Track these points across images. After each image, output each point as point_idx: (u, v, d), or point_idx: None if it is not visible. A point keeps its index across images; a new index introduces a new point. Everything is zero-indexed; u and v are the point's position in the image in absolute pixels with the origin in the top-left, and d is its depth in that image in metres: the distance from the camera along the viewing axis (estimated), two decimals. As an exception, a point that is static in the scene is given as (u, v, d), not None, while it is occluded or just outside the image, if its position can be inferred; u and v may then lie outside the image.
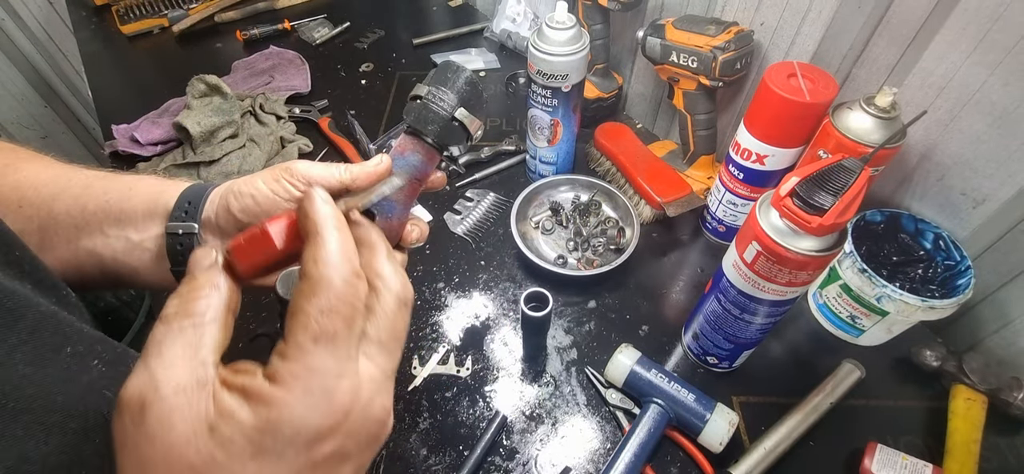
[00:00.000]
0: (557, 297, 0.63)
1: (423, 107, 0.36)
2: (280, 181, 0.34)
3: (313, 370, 0.20)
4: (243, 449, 0.19)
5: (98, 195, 0.35)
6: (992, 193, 0.54)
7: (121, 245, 0.35)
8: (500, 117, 0.93)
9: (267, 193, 0.34)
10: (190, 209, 0.34)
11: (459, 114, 0.37)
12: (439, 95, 0.36)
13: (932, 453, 0.53)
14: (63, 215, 0.35)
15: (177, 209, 0.35)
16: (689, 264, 0.71)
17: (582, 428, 0.56)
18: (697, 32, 0.64)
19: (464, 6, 1.23)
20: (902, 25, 0.53)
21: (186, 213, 0.34)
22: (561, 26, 0.63)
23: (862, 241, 0.60)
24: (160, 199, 0.35)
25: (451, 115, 0.36)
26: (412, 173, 0.37)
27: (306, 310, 0.21)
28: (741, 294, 0.48)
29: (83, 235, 0.35)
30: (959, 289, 0.54)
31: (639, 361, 0.56)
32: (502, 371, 0.60)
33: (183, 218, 0.34)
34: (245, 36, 1.11)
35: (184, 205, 0.35)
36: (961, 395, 0.54)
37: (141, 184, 0.36)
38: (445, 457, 0.53)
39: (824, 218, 0.39)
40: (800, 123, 0.56)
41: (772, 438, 0.52)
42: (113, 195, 0.35)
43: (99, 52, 1.12)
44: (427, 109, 0.36)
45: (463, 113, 0.37)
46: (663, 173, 0.73)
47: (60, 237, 0.35)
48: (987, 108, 0.51)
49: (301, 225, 0.24)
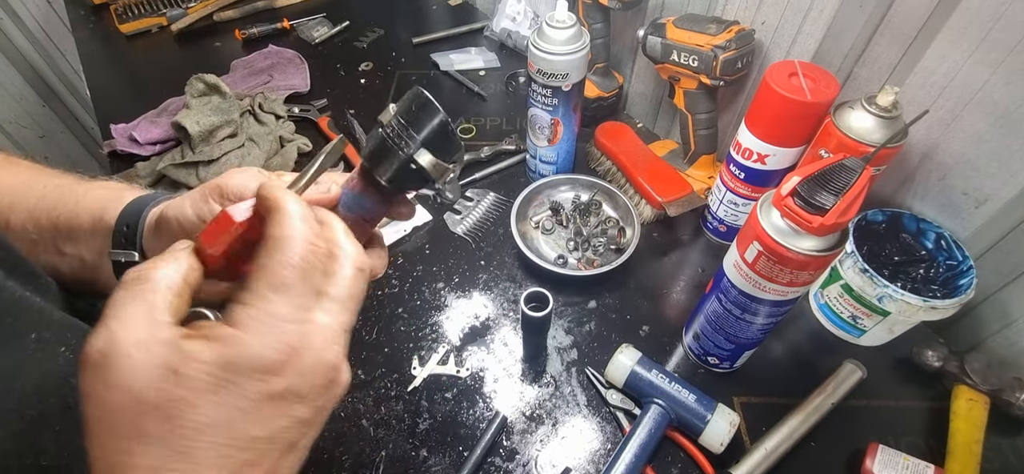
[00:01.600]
0: (557, 297, 0.63)
1: (380, 141, 0.30)
2: (208, 200, 0.32)
3: (270, 314, 0.22)
4: (205, 385, 0.20)
5: (49, 209, 0.34)
6: (994, 193, 0.54)
7: (77, 264, 0.34)
8: (500, 116, 0.93)
9: (190, 217, 0.32)
10: (128, 233, 0.33)
11: (420, 158, 0.30)
12: (399, 131, 0.30)
13: (934, 454, 0.53)
14: (19, 229, 0.34)
15: (117, 234, 0.34)
16: (690, 264, 0.71)
17: (582, 429, 0.55)
18: (698, 31, 0.64)
19: (464, 5, 1.22)
20: (904, 24, 0.53)
21: (125, 238, 0.33)
22: (561, 25, 0.63)
23: (863, 241, 0.60)
24: (103, 217, 0.34)
25: (409, 158, 0.30)
26: (361, 213, 0.32)
27: (266, 264, 0.23)
28: (742, 294, 0.48)
29: (40, 249, 0.34)
30: (961, 289, 0.53)
31: (640, 361, 0.56)
32: (502, 371, 0.60)
33: (123, 244, 0.33)
34: (244, 35, 1.10)
35: (122, 231, 0.34)
36: (963, 395, 0.53)
37: (89, 196, 0.35)
38: (445, 458, 0.53)
39: (825, 218, 0.39)
40: (801, 122, 0.56)
41: (773, 439, 0.52)
42: (63, 209, 0.34)
43: (97, 51, 1.11)
44: (384, 146, 0.30)
45: (426, 158, 0.30)
46: (664, 173, 0.72)
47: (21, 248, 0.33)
48: (989, 107, 0.51)
49: (260, 206, 0.25)
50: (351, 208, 0.32)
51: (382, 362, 0.60)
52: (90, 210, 0.34)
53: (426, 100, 0.30)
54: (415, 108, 0.30)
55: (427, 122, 0.30)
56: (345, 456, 0.53)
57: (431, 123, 0.30)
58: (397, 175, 0.31)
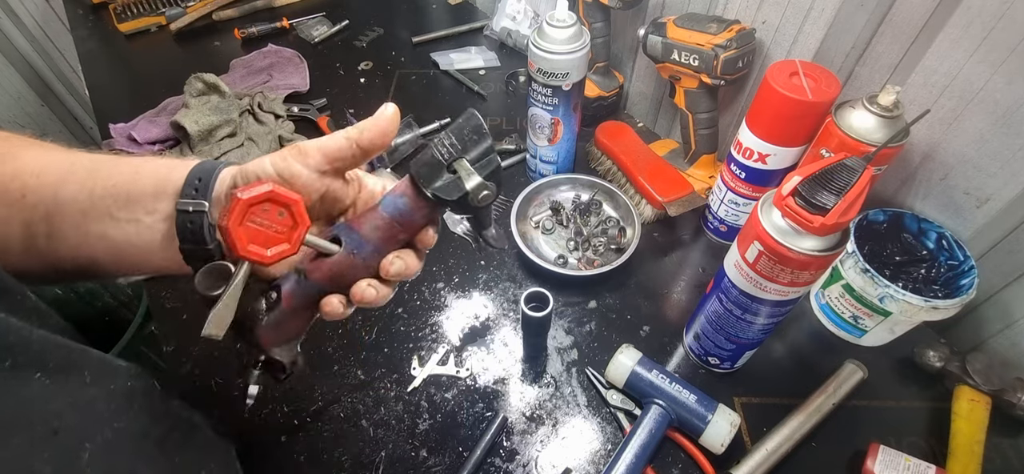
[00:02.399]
0: (557, 297, 0.63)
1: (424, 149, 0.34)
2: (287, 159, 0.34)
3: None
4: None
5: (104, 178, 0.35)
6: (996, 192, 0.54)
7: (132, 227, 0.34)
8: (500, 116, 0.93)
9: (270, 172, 0.34)
10: (201, 186, 0.34)
11: (457, 165, 0.33)
12: (444, 141, 0.33)
13: (935, 454, 0.53)
14: (69, 201, 0.34)
15: (187, 186, 0.34)
16: (690, 264, 0.71)
17: (583, 429, 0.55)
18: (699, 30, 0.63)
19: (464, 4, 1.22)
20: (905, 23, 0.53)
21: (197, 190, 0.34)
22: (562, 24, 0.63)
23: (865, 241, 0.60)
24: (169, 178, 0.35)
25: (447, 163, 0.33)
26: (394, 215, 0.34)
27: None
28: (743, 294, 0.48)
29: (91, 220, 0.34)
30: (962, 289, 0.53)
31: (640, 362, 0.55)
32: (502, 372, 0.60)
33: (193, 195, 0.33)
34: (243, 34, 1.10)
35: (194, 182, 0.34)
36: (964, 396, 0.53)
37: (147, 165, 0.36)
38: (445, 458, 0.53)
39: (826, 218, 0.39)
40: (802, 122, 0.55)
41: (774, 439, 0.52)
42: (120, 178, 0.35)
43: (96, 50, 1.11)
44: (427, 151, 0.34)
45: (464, 165, 0.33)
46: (664, 172, 0.72)
47: (68, 223, 0.34)
48: (991, 107, 0.51)
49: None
50: (387, 208, 0.35)
51: (382, 362, 0.60)
52: (154, 174, 0.35)
53: (475, 119, 0.33)
54: (467, 129, 0.33)
55: (475, 142, 0.33)
56: (344, 457, 0.53)
57: (479, 145, 0.33)
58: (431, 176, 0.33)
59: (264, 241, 0.31)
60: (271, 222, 0.31)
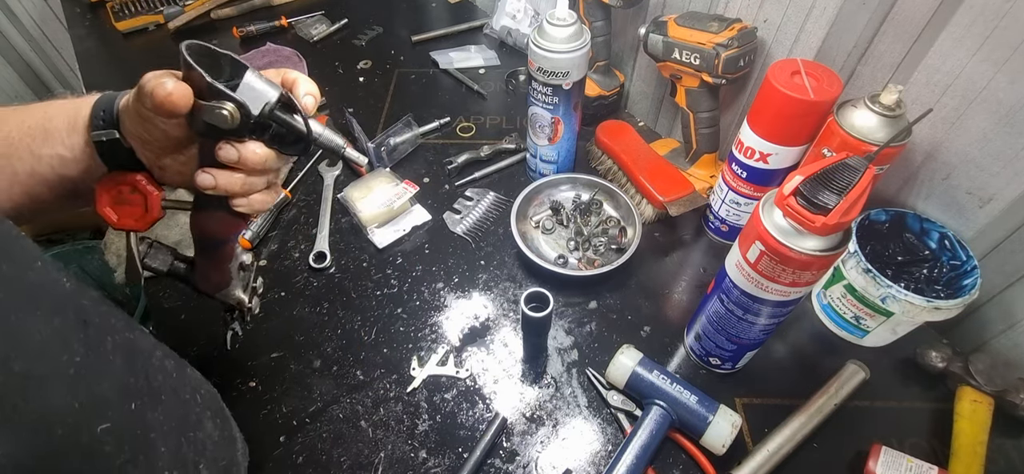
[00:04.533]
0: (558, 297, 0.63)
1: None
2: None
3: None
4: None
5: (18, 123, 0.39)
6: (999, 192, 0.54)
7: (57, 160, 0.39)
8: (500, 115, 0.92)
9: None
10: (105, 116, 0.39)
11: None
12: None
13: (937, 455, 0.52)
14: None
15: (94, 118, 0.39)
16: (691, 264, 0.71)
17: (583, 430, 0.55)
18: (700, 29, 0.63)
19: (463, 2, 1.22)
20: (907, 22, 0.53)
21: (103, 121, 0.39)
22: (562, 23, 0.62)
23: (866, 241, 0.59)
24: (78, 115, 0.39)
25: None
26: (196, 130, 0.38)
27: None
28: (744, 294, 0.47)
29: (15, 160, 0.39)
30: (965, 289, 0.53)
31: (641, 362, 0.55)
32: (502, 372, 0.59)
33: (102, 127, 0.39)
34: (242, 33, 1.10)
35: (99, 114, 0.39)
36: (967, 396, 0.53)
37: (55, 105, 0.41)
38: (444, 459, 0.53)
39: (828, 217, 0.38)
40: (804, 121, 0.55)
41: (776, 440, 0.51)
42: (33, 120, 0.39)
43: (94, 49, 1.11)
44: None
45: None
46: (665, 172, 0.72)
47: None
48: (994, 106, 0.50)
49: None
50: None
51: (381, 363, 0.60)
52: (63, 113, 0.40)
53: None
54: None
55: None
56: (343, 458, 0.53)
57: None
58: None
59: (132, 215, 0.41)
60: (130, 198, 0.40)
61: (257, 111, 0.37)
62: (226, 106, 0.35)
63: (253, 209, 0.42)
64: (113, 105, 0.39)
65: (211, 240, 0.45)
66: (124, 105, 0.39)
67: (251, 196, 0.41)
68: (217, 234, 0.44)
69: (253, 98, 0.36)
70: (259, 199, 0.42)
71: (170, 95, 0.34)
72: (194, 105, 0.35)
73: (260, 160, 0.39)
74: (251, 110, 0.36)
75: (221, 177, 0.38)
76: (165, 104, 0.34)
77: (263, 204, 0.42)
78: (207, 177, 0.38)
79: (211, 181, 0.38)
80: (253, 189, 0.41)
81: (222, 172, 0.39)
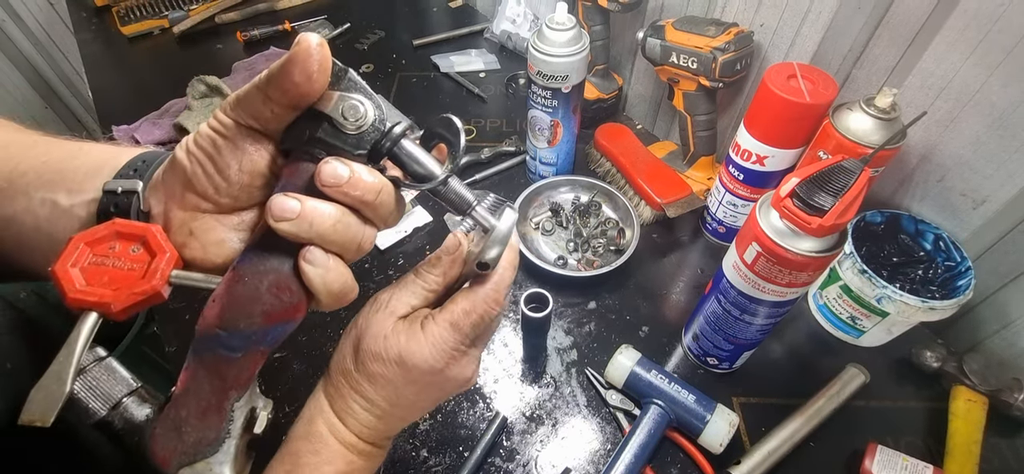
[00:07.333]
0: (557, 298, 0.63)
1: None
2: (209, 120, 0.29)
3: (442, 339, 0.32)
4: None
5: (36, 155, 0.31)
6: (992, 194, 0.54)
7: (46, 211, 0.29)
8: (500, 118, 0.93)
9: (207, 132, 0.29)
10: (141, 167, 0.29)
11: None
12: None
13: (932, 454, 0.53)
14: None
15: (126, 167, 0.30)
16: (689, 265, 0.71)
17: (582, 429, 0.56)
18: (697, 33, 0.64)
19: (464, 7, 1.23)
20: (902, 26, 0.53)
21: (135, 171, 0.29)
22: (561, 27, 0.63)
23: (862, 242, 0.60)
24: (113, 160, 0.30)
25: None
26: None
27: (455, 308, 0.33)
28: (741, 295, 0.48)
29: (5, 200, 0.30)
30: (959, 290, 0.54)
31: (639, 362, 0.56)
32: (502, 372, 0.60)
33: (130, 176, 0.29)
34: (245, 37, 1.11)
35: (136, 164, 0.30)
36: (961, 396, 0.53)
37: (96, 149, 0.32)
38: (445, 458, 0.53)
39: (824, 219, 0.39)
40: (800, 124, 0.56)
41: (774, 440, 0.52)
42: (54, 156, 0.31)
43: (100, 53, 1.12)
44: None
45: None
46: (663, 174, 0.73)
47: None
48: (987, 109, 0.51)
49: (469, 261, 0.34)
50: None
51: (382, 363, 0.61)
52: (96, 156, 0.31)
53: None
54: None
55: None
56: (346, 456, 0.53)
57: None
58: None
59: (115, 283, 0.25)
60: (126, 261, 0.25)
61: (390, 125, 0.27)
62: (363, 100, 0.26)
63: (327, 284, 0.28)
64: (156, 159, 0.30)
65: (238, 331, 0.27)
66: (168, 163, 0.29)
67: (333, 260, 0.28)
68: (253, 316, 0.27)
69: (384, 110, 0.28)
70: (339, 271, 0.28)
71: (322, 43, 0.26)
72: (323, 95, 0.26)
73: (373, 189, 0.27)
74: (385, 119, 0.27)
75: (309, 205, 0.26)
76: (308, 58, 0.25)
77: (341, 281, 0.28)
78: (291, 201, 0.26)
79: (295, 206, 0.26)
80: (347, 236, 0.28)
81: (312, 199, 0.26)
